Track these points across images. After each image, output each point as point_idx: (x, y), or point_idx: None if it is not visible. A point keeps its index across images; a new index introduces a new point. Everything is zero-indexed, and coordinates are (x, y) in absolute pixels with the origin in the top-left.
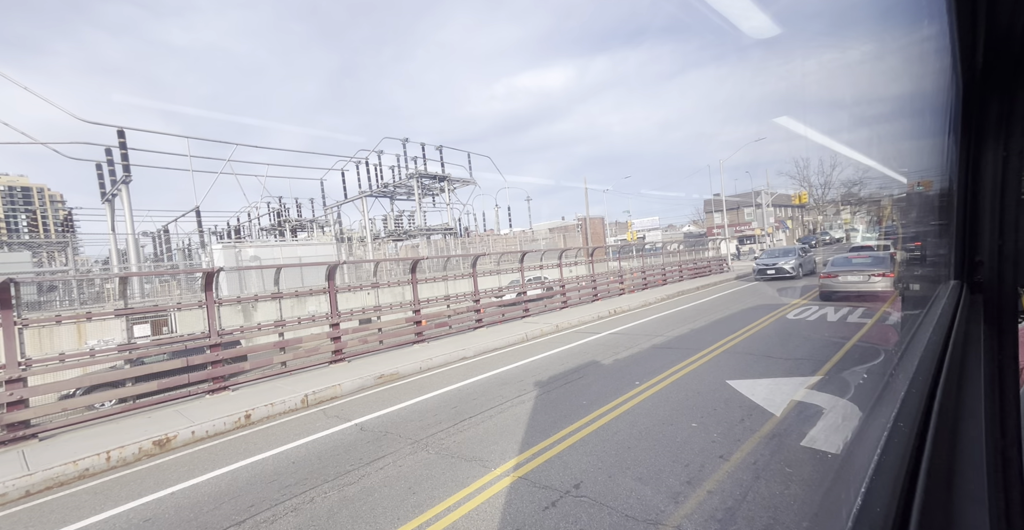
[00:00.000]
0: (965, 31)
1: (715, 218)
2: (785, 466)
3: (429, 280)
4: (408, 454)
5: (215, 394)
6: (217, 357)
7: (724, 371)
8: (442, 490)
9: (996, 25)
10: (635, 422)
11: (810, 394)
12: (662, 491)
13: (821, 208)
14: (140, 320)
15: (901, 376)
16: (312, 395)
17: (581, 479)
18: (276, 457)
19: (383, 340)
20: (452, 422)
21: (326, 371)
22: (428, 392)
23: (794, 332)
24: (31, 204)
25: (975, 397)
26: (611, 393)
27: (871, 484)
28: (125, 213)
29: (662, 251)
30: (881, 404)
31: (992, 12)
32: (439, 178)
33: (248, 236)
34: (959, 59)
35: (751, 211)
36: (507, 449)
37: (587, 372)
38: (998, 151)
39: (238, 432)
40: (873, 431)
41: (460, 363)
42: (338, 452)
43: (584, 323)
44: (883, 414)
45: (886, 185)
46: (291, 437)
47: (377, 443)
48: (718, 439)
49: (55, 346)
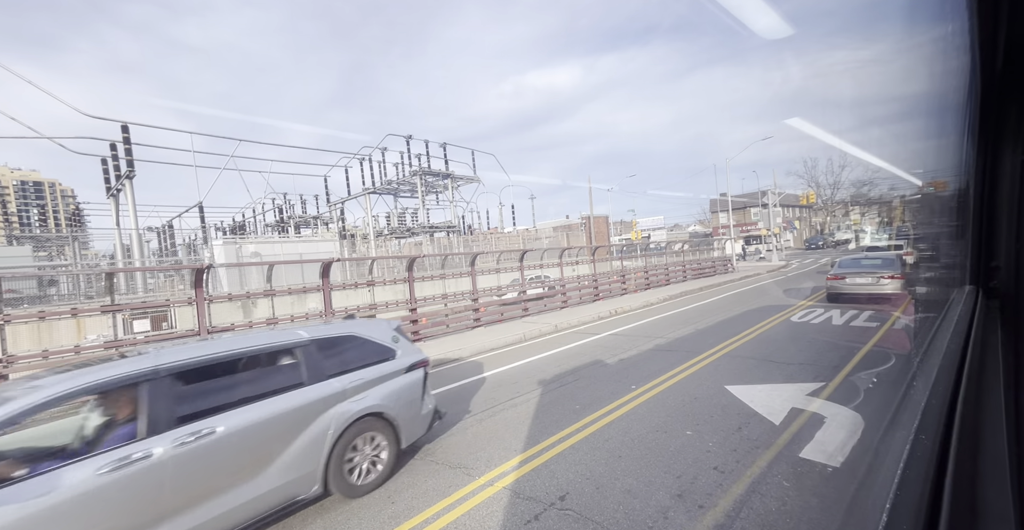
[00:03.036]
0: (986, 33)
1: (721, 218)
2: (783, 480)
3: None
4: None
5: None
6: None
7: (723, 376)
8: (422, 500)
9: (1018, 30)
10: (628, 429)
11: (811, 402)
12: (651, 505)
13: (829, 209)
14: (140, 315)
15: (920, 386)
16: None
17: (567, 490)
18: None
19: None
20: (440, 426)
21: None
22: None
23: (798, 335)
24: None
25: (996, 408)
26: (606, 397)
27: (896, 500)
28: (129, 208)
29: (666, 251)
30: (900, 415)
31: (1014, 16)
32: (443, 175)
33: (253, 232)
34: (979, 61)
35: (757, 211)
36: (493, 456)
37: (583, 375)
38: (1016, 156)
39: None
40: (895, 444)
41: (455, 364)
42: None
43: (584, 323)
44: (904, 426)
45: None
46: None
47: None
48: (713, 449)
49: (53, 341)
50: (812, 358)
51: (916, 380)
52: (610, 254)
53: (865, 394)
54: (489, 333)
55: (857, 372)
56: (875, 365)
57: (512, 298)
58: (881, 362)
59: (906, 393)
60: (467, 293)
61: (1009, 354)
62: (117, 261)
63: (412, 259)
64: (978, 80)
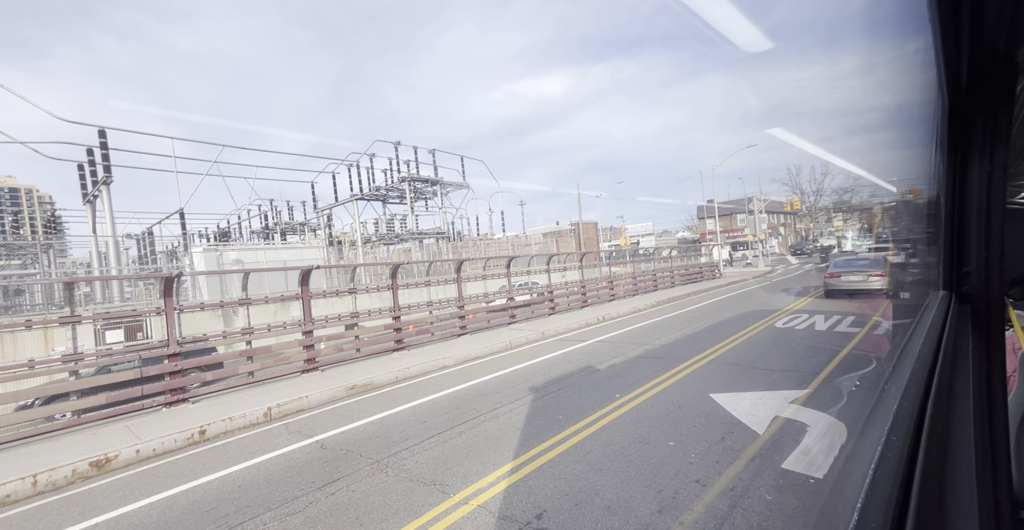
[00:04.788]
0: (950, 49)
1: (708, 224)
2: (765, 493)
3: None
4: (365, 477)
5: (172, 407)
6: (175, 368)
7: (708, 383)
8: (392, 521)
9: (979, 46)
10: (610, 440)
11: (794, 409)
12: (631, 522)
13: (813, 215)
14: (114, 325)
15: (893, 389)
16: (276, 408)
17: (545, 507)
18: (222, 480)
19: (361, 348)
20: (418, 439)
21: (297, 381)
22: (400, 404)
23: (782, 341)
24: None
25: (965, 408)
26: (589, 407)
27: (866, 500)
28: (106, 215)
29: (654, 257)
30: (874, 418)
31: (975, 33)
32: (431, 182)
33: (239, 239)
34: (944, 76)
35: (744, 217)
36: (470, 471)
37: (567, 383)
38: (983, 166)
39: (189, 449)
40: (867, 445)
41: (439, 372)
42: (290, 474)
43: (571, 330)
44: (877, 429)
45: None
46: (244, 456)
47: (335, 463)
48: (696, 460)
49: (18, 353)
50: (795, 364)
51: (889, 384)
52: (599, 260)
53: (847, 399)
54: (475, 341)
55: (839, 377)
56: (857, 370)
57: (499, 305)
58: (862, 366)
59: (880, 397)
60: (453, 300)
61: (979, 356)
62: (93, 269)
63: (396, 266)
64: (945, 95)
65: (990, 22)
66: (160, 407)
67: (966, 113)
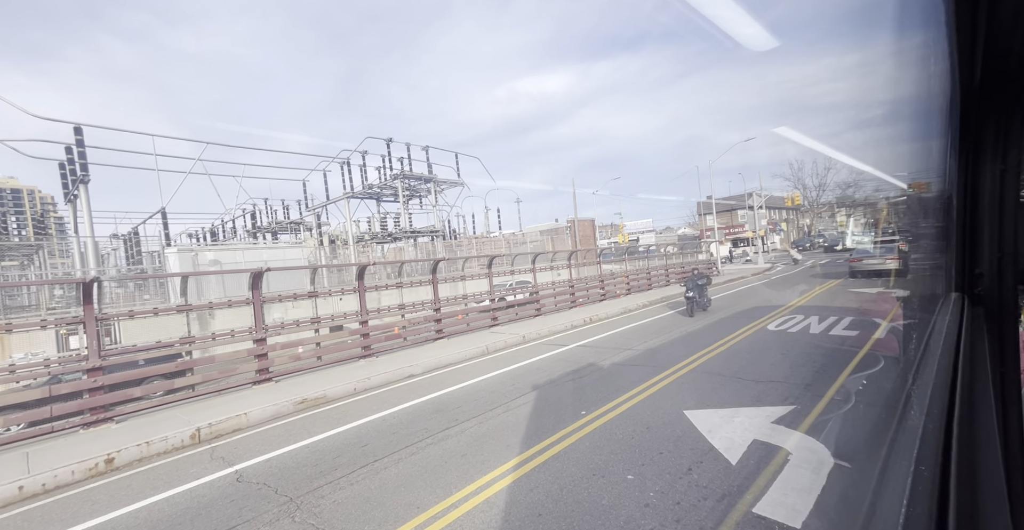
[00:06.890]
0: (964, 46)
1: (708, 221)
2: None
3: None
4: (265, 524)
5: (91, 428)
6: (95, 384)
7: (684, 397)
8: None
9: (994, 45)
10: (561, 473)
11: (776, 432)
12: None
13: (816, 210)
14: (73, 331)
15: (915, 411)
16: (207, 428)
17: None
18: (98, 529)
19: (322, 356)
20: (350, 468)
21: (246, 393)
22: (348, 422)
23: (773, 346)
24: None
25: (989, 425)
26: (549, 427)
27: None
28: (84, 214)
29: (649, 254)
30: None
31: (991, 33)
32: (425, 179)
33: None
34: (958, 71)
35: (744, 213)
36: (387, 517)
37: (533, 397)
38: (996, 165)
39: (89, 483)
40: (895, 475)
41: (403, 382)
42: (182, 520)
43: (555, 333)
44: (903, 456)
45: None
46: (144, 492)
47: (241, 503)
48: (653, 501)
49: None
50: (784, 374)
51: (910, 403)
52: (598, 258)
53: (841, 420)
54: (451, 346)
55: (832, 392)
56: (852, 384)
57: (479, 307)
58: (860, 379)
59: (901, 418)
60: (428, 303)
61: (996, 364)
62: (75, 270)
63: (363, 267)
64: (958, 91)
65: (1006, 22)
66: (78, 428)
67: (979, 114)
